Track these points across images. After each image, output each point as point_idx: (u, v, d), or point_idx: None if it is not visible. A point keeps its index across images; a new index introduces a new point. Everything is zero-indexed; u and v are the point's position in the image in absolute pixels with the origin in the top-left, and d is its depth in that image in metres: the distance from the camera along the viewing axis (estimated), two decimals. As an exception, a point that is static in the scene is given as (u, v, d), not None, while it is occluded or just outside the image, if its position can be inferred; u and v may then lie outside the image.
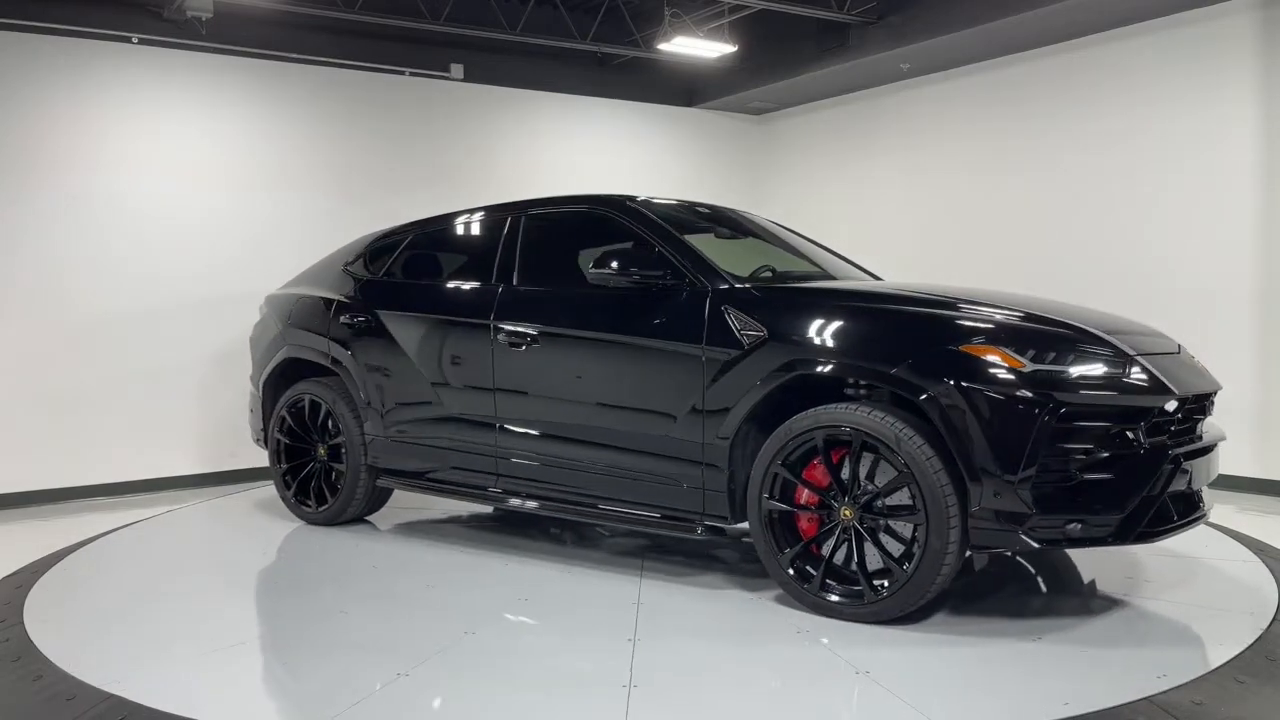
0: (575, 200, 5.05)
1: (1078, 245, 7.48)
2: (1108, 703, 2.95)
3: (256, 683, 3.38)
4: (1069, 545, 3.50)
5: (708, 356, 4.02)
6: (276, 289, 6.21)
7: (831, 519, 3.77)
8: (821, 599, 3.78)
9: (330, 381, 5.51)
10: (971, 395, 3.47)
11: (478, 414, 4.84)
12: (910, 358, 3.60)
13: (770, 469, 3.85)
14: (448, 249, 5.57)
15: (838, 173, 9.64)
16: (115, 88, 7.09)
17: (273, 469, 5.75)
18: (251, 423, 6.16)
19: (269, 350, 5.89)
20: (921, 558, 3.53)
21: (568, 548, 5.05)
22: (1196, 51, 6.79)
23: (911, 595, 3.59)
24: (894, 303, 3.98)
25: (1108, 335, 3.65)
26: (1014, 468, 3.40)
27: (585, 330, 4.50)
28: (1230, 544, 4.93)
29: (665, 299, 4.22)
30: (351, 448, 5.33)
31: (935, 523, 3.50)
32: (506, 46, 8.61)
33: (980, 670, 3.29)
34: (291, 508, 5.68)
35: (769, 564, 3.93)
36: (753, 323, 3.95)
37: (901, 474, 3.58)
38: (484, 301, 4.86)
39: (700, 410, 4.04)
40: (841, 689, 3.16)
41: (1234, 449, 6.58)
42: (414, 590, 4.34)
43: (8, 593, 4.40)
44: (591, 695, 3.11)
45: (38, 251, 6.77)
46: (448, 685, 3.24)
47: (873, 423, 3.62)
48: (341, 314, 5.45)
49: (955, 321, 3.71)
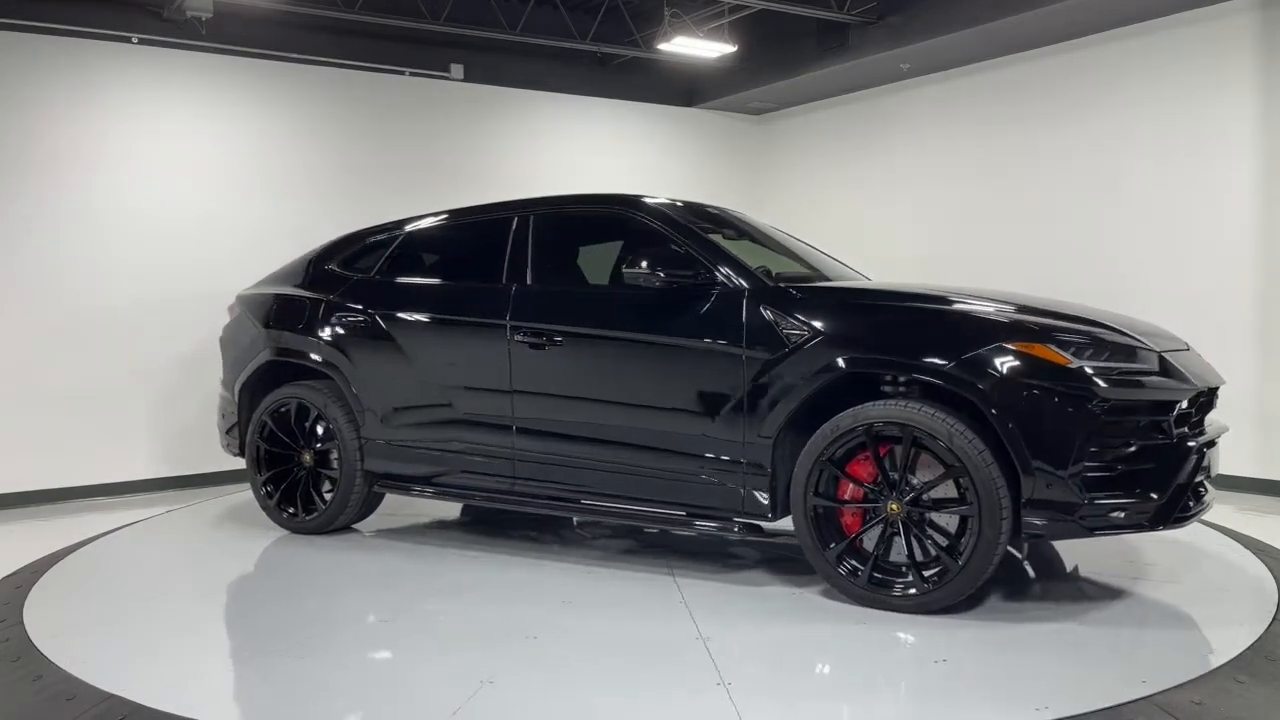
0: (593, 199, 5.02)
1: (1077, 245, 7.48)
2: (1108, 702, 2.95)
3: (257, 683, 3.37)
4: (1113, 532, 3.68)
5: (748, 355, 4.06)
6: (248, 288, 5.90)
7: (878, 513, 3.85)
8: (871, 592, 3.86)
9: (320, 385, 5.29)
10: (1025, 391, 3.61)
11: (492, 416, 4.74)
12: (963, 355, 3.71)
13: (817, 466, 3.91)
14: (447, 248, 5.44)
15: (837, 173, 9.64)
16: (115, 88, 7.09)
17: (252, 477, 5.48)
18: (222, 428, 5.82)
19: (246, 353, 5.59)
20: (975, 547, 3.65)
21: (569, 548, 5.04)
22: (1196, 51, 6.79)
23: (965, 584, 3.71)
24: (938, 303, 4.04)
25: (1134, 333, 3.83)
26: (1065, 459, 3.56)
27: (613, 330, 4.46)
28: (1230, 544, 4.93)
29: (699, 298, 4.24)
30: (345, 453, 5.12)
31: (988, 514, 3.62)
32: (506, 46, 8.61)
33: (979, 670, 3.29)
34: (274, 517, 5.41)
35: (815, 559, 3.99)
36: (796, 322, 4.01)
37: (953, 467, 3.69)
38: (497, 301, 4.75)
39: (741, 409, 4.07)
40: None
41: (1234, 449, 6.59)
42: (425, 593, 4.34)
43: (8, 593, 4.40)
44: (694, 696, 3.08)
45: (38, 251, 6.77)
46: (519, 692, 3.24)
47: (924, 418, 3.72)
48: (333, 314, 5.26)
49: (1001, 320, 3.83)
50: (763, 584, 4.29)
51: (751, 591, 4.18)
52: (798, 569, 4.36)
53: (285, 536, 5.35)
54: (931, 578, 3.77)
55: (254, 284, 5.91)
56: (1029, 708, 2.96)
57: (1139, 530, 3.67)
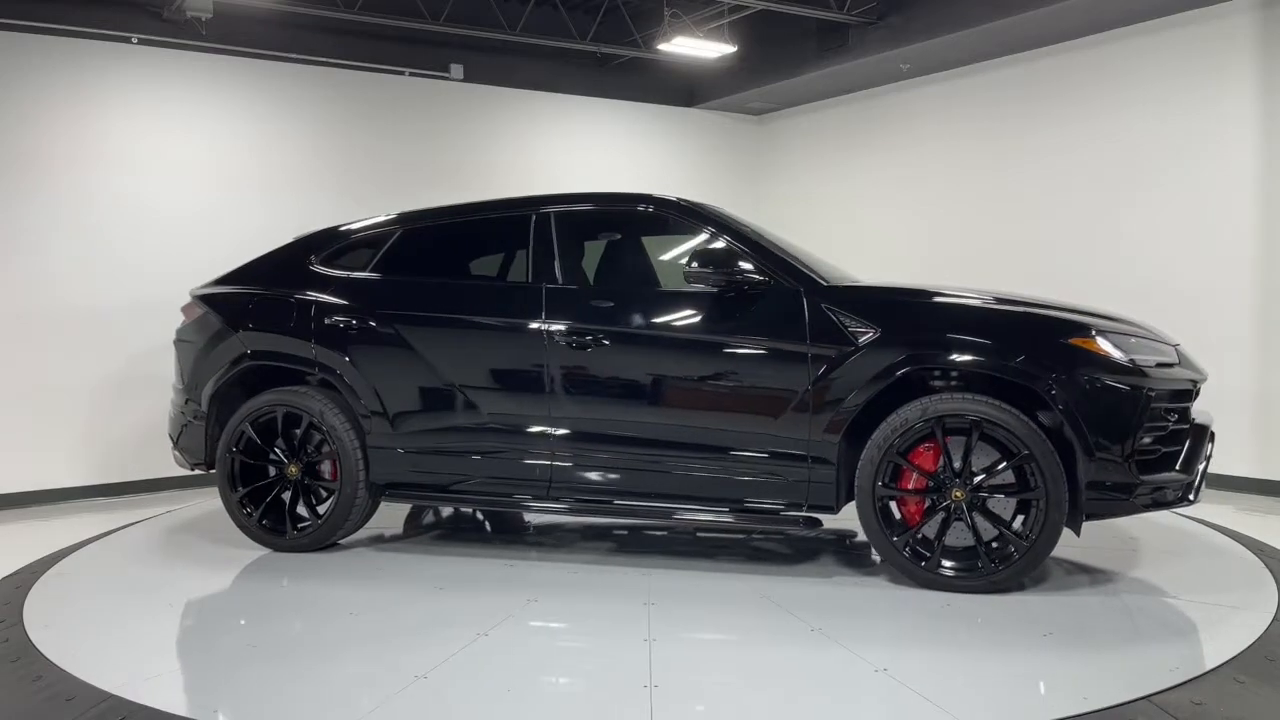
0: (626, 199, 4.96)
1: (1077, 245, 7.48)
2: (1108, 702, 2.95)
3: (258, 683, 3.37)
4: (1160, 508, 4.06)
5: (813, 354, 4.16)
6: (207, 286, 5.40)
7: (943, 500, 4.05)
8: (938, 575, 4.06)
9: (311, 390, 4.94)
10: (1088, 382, 3.92)
11: (525, 419, 4.57)
12: (1029, 351, 3.98)
13: (886, 457, 4.07)
14: (454, 245, 5.17)
15: (837, 173, 9.64)
16: (115, 88, 7.10)
17: (225, 494, 5.01)
18: (183, 443, 5.26)
19: (217, 357, 5.10)
20: (1042, 530, 3.93)
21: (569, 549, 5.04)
22: (1196, 51, 6.79)
23: (1030, 564, 4.00)
24: (993, 303, 4.28)
25: (1150, 330, 4.25)
26: (1125, 443, 3.90)
27: (669, 331, 4.45)
28: (1230, 544, 4.93)
29: (757, 298, 4.31)
30: (346, 463, 4.78)
31: (1055, 498, 3.90)
32: (506, 46, 8.61)
33: (979, 670, 3.29)
34: (257, 536, 4.97)
35: (882, 546, 4.16)
36: (861, 320, 4.14)
37: (1019, 455, 3.95)
38: (528, 301, 4.60)
39: (807, 405, 4.16)
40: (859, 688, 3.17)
41: (1234, 449, 6.60)
42: (426, 593, 4.34)
43: (8, 593, 4.40)
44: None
45: (38, 250, 6.77)
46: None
47: (994, 411, 3.96)
48: (327, 314, 4.90)
49: (1055, 319, 4.10)
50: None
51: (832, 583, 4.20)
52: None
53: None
54: (996, 558, 4.00)
55: (210, 283, 5.43)
56: (1029, 708, 2.96)
57: (1181, 505, 4.03)
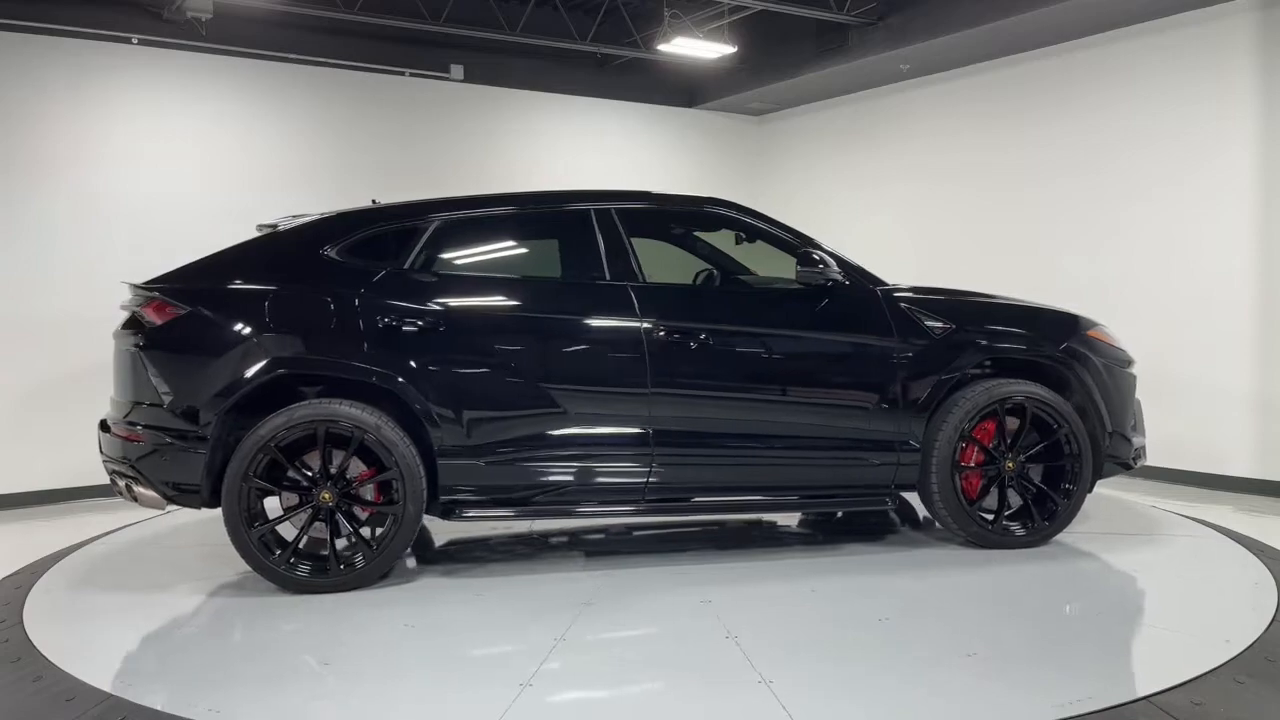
0: (700, 201, 5.12)
1: (1077, 245, 7.49)
2: (1108, 702, 2.95)
3: (258, 683, 3.37)
4: (1133, 467, 4.93)
5: (900, 347, 4.60)
6: (169, 281, 4.58)
7: (995, 471, 4.64)
8: (1004, 536, 4.67)
9: (354, 401, 4.21)
10: (1106, 366, 4.76)
11: (623, 418, 4.43)
12: (1066, 341, 4.74)
13: (961, 437, 4.57)
14: (506, 238, 4.88)
15: (837, 173, 9.65)
16: (115, 88, 7.10)
17: (237, 534, 4.13)
18: (155, 475, 4.28)
19: (224, 367, 4.19)
20: (1076, 490, 4.65)
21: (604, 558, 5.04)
22: (1196, 52, 6.80)
23: (1067, 519, 4.70)
24: (1022, 303, 5.00)
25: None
26: (1129, 417, 4.85)
27: (768, 327, 4.65)
28: (1230, 544, 4.93)
29: (842, 296, 4.66)
30: (409, 483, 4.16)
31: (1086, 461, 4.64)
32: (506, 47, 8.61)
33: (978, 670, 3.29)
34: (284, 583, 4.17)
35: (960, 517, 4.62)
36: (936, 317, 4.67)
37: (1060, 427, 4.61)
38: (618, 299, 4.46)
39: (895, 394, 4.59)
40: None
41: (1234, 450, 6.61)
42: (456, 597, 4.34)
43: (8, 593, 4.40)
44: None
45: (38, 249, 6.78)
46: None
47: (1044, 393, 4.61)
48: (382, 315, 4.25)
49: (1077, 315, 4.87)
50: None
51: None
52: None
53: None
54: (1042, 517, 4.65)
55: (169, 275, 4.61)
56: (1028, 708, 2.96)
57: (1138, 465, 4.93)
